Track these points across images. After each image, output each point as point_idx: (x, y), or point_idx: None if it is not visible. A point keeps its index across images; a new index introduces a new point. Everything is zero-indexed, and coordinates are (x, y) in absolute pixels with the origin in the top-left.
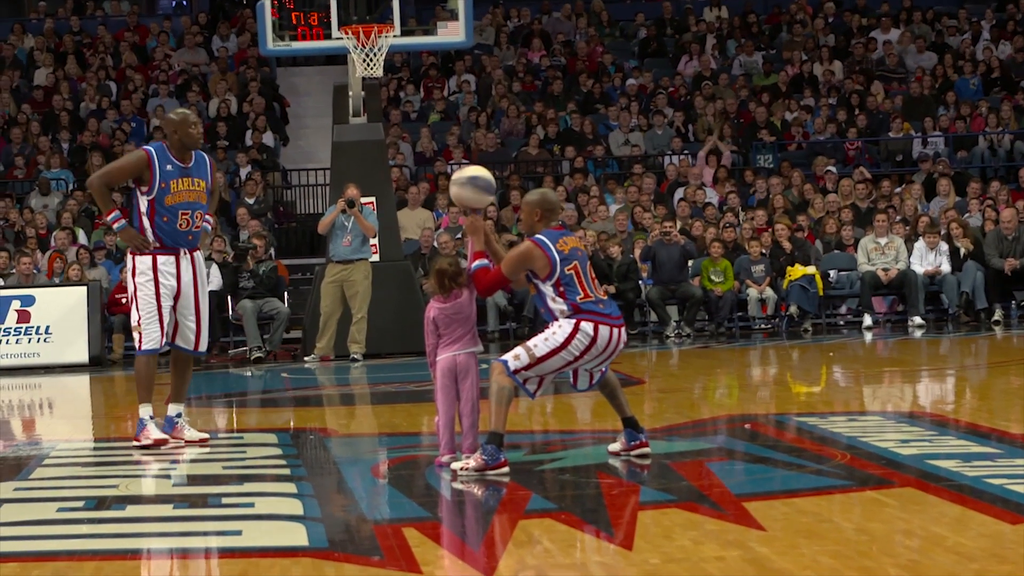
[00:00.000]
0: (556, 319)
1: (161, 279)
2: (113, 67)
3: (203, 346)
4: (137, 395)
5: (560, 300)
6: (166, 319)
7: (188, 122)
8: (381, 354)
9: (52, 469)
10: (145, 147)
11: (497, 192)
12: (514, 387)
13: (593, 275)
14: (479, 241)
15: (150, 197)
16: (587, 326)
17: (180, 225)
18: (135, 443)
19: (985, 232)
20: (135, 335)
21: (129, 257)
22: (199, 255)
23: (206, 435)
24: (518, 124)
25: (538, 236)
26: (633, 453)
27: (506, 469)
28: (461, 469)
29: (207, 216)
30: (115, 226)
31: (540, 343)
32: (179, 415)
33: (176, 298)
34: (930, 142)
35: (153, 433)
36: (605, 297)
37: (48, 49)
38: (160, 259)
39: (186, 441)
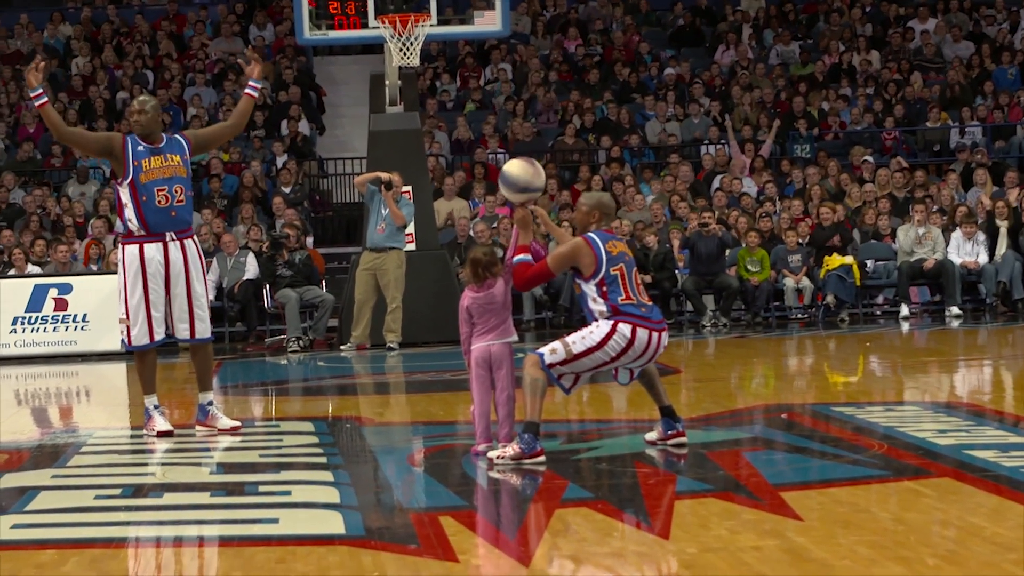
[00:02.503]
0: (596, 320)
1: (148, 269)
2: (150, 56)
3: (200, 334)
4: (141, 387)
5: (601, 301)
6: (155, 313)
7: (131, 110)
8: (417, 343)
9: (89, 457)
10: (123, 133)
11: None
12: (547, 380)
13: (639, 281)
14: (526, 235)
15: (128, 180)
16: (625, 328)
17: (158, 202)
18: (145, 432)
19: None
20: (122, 328)
21: (119, 247)
22: (191, 244)
23: (238, 423)
24: (554, 113)
25: (589, 234)
26: (670, 442)
27: (542, 458)
28: (498, 458)
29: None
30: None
31: (577, 340)
32: (210, 403)
33: (168, 287)
34: (968, 132)
35: (159, 424)
36: (649, 303)
37: (85, 38)
38: (147, 247)
39: (219, 430)
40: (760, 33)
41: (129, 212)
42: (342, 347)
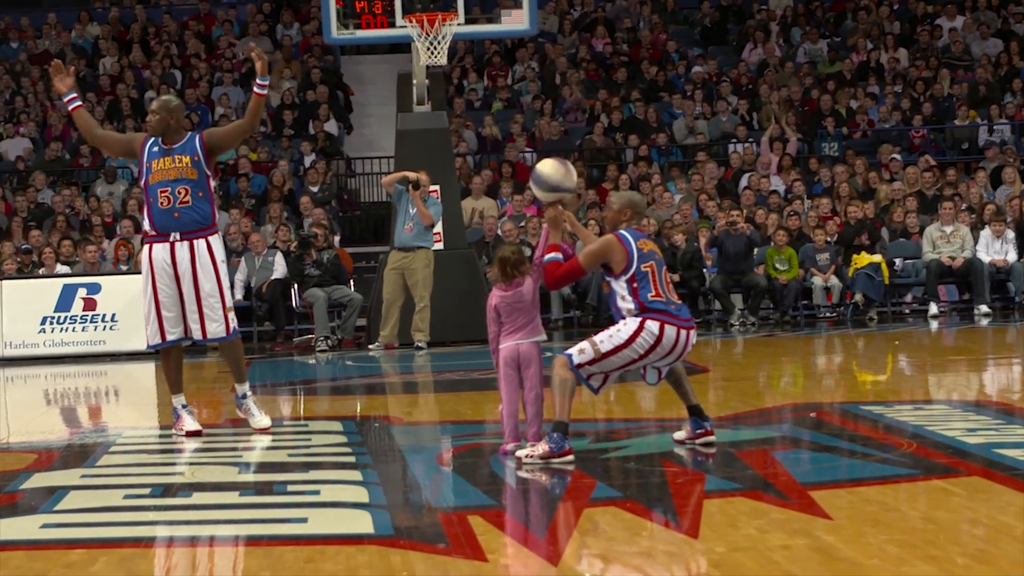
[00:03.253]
0: (624, 318)
1: (156, 269)
2: (178, 55)
3: (212, 333)
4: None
5: (630, 299)
6: (166, 313)
7: (148, 110)
8: (445, 342)
9: (118, 456)
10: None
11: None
12: (576, 380)
13: (668, 279)
14: (556, 234)
15: (141, 182)
16: (652, 325)
17: (161, 203)
18: (174, 431)
19: None
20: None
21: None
22: (202, 244)
23: (268, 423)
24: (581, 112)
25: (621, 231)
26: (698, 441)
27: (571, 457)
28: (527, 457)
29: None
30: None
31: (605, 339)
32: (245, 395)
33: (179, 287)
34: (996, 130)
35: (187, 424)
36: (678, 301)
37: (113, 38)
38: (156, 247)
39: (254, 429)
40: (788, 31)
41: (144, 212)
42: (370, 346)
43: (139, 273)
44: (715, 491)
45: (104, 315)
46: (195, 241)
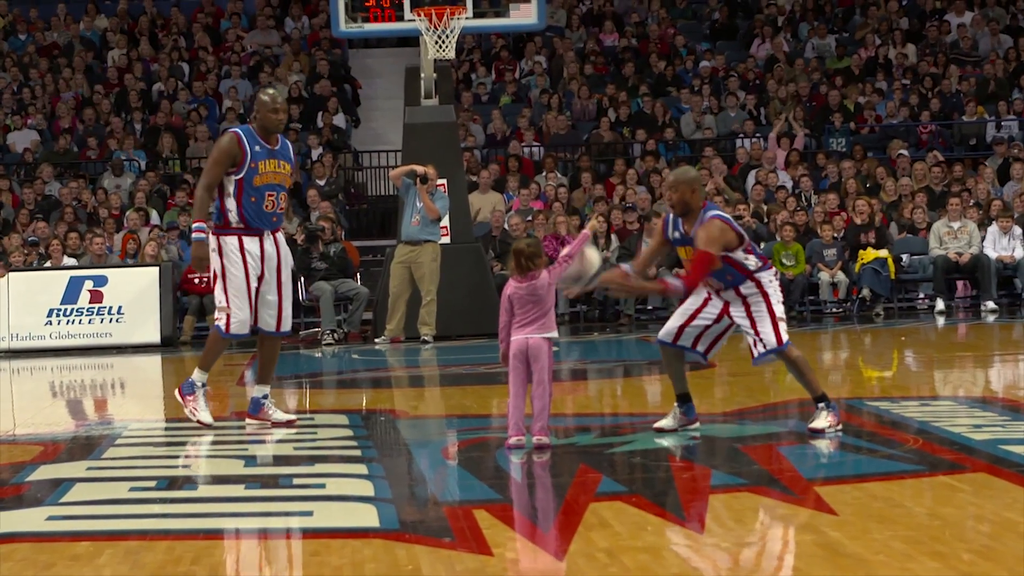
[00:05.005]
0: (749, 277)
1: (248, 259)
2: (186, 48)
3: (285, 327)
4: (200, 360)
5: (751, 257)
6: (254, 303)
7: (271, 106)
8: (451, 336)
9: (124, 449)
10: (232, 129)
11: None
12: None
13: None
14: (634, 291)
15: (239, 176)
16: (773, 270)
17: (266, 206)
18: (176, 392)
19: None
20: (220, 316)
21: (212, 237)
22: (281, 236)
23: (293, 417)
24: (589, 106)
25: (717, 213)
26: (690, 428)
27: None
28: (827, 427)
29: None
30: (194, 236)
31: (778, 305)
32: (265, 396)
33: (260, 280)
34: (1004, 126)
35: (201, 414)
36: None
37: (121, 30)
38: (246, 240)
39: (272, 423)
40: (796, 26)
41: (231, 204)
42: (376, 340)
43: (147, 265)
44: (721, 486)
45: (110, 307)
46: (277, 234)
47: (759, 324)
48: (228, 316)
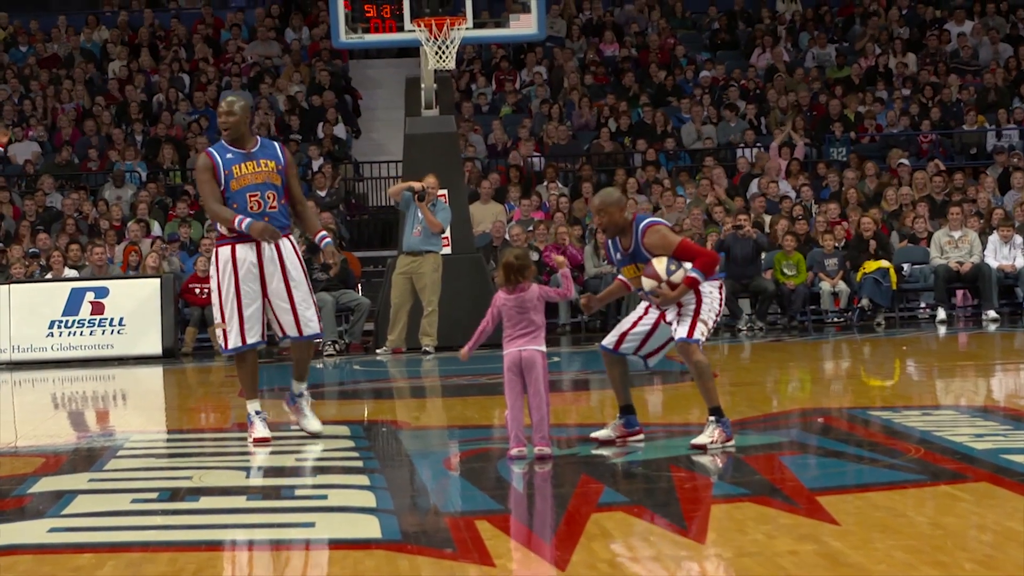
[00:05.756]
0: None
1: (241, 270)
2: (186, 59)
3: (307, 330)
4: (244, 392)
5: (690, 266)
6: (248, 315)
7: (220, 111)
8: (453, 346)
9: (126, 460)
10: (207, 149)
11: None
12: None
13: None
14: (677, 298)
15: (221, 189)
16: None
17: (251, 208)
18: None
19: None
20: (218, 332)
21: (214, 250)
22: (286, 242)
23: (321, 429)
24: (590, 117)
25: (650, 220)
26: (630, 440)
27: (733, 442)
28: (710, 444)
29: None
30: (242, 227)
31: (706, 312)
32: (301, 394)
33: (264, 286)
34: (1004, 135)
35: (257, 431)
36: None
37: (122, 42)
38: (239, 248)
39: (299, 424)
40: (796, 36)
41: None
42: (378, 351)
43: (148, 277)
44: (722, 496)
45: (112, 319)
46: (280, 240)
47: (680, 321)
48: (224, 332)
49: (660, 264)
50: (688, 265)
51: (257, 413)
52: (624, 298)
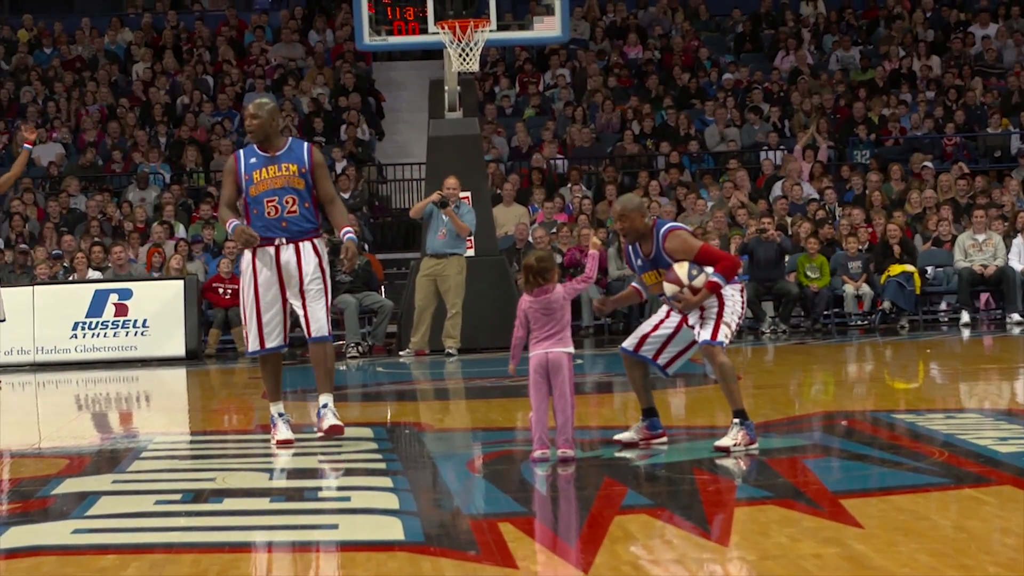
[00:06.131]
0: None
1: (260, 275)
2: (210, 62)
3: (317, 332)
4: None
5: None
6: (267, 319)
7: (246, 115)
8: (476, 349)
9: (149, 462)
10: (237, 151)
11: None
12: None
13: None
14: (700, 302)
15: (243, 196)
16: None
17: (268, 213)
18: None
19: None
20: (244, 334)
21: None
22: (307, 245)
23: (342, 427)
24: (613, 119)
25: (671, 224)
26: (653, 443)
27: (756, 445)
28: (733, 446)
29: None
30: (229, 227)
31: (729, 315)
32: (325, 405)
33: (284, 290)
34: None
35: (280, 433)
36: None
37: (146, 44)
38: (259, 252)
39: (321, 430)
40: (820, 38)
41: (245, 221)
42: (401, 353)
43: (172, 279)
44: (746, 499)
45: (135, 320)
46: (301, 243)
47: (703, 324)
48: (247, 336)
49: (682, 269)
50: (709, 270)
51: (280, 415)
52: (648, 301)
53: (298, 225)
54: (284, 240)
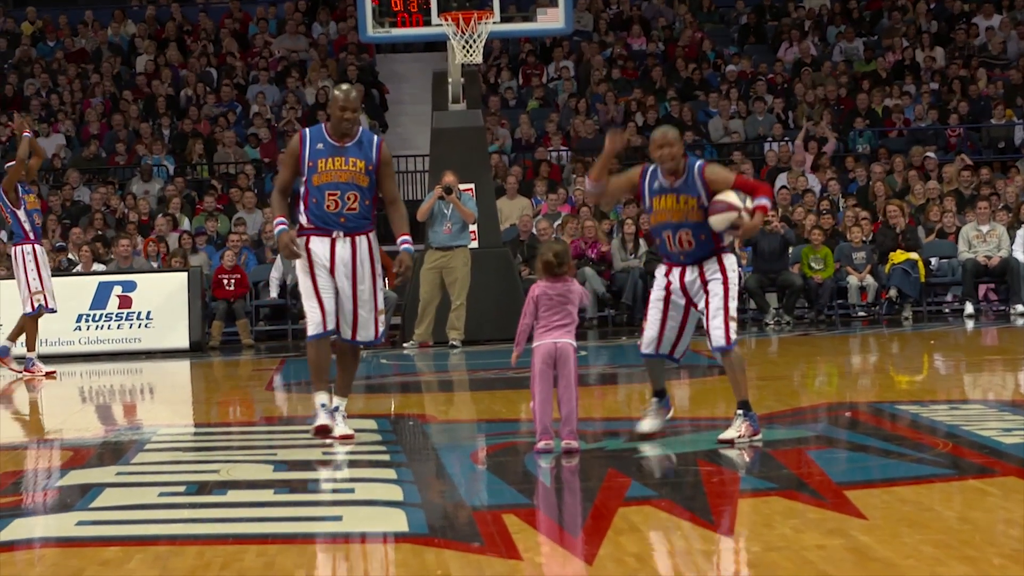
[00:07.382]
0: (717, 254)
1: (315, 260)
2: (214, 54)
3: (363, 335)
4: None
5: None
6: (327, 302)
7: (339, 104)
8: (480, 340)
9: (153, 454)
10: (303, 129)
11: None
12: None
13: None
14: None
15: (303, 178)
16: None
17: (328, 206)
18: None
19: None
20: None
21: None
22: (363, 240)
23: (352, 433)
24: (617, 111)
25: (704, 159)
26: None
27: (760, 436)
28: (738, 437)
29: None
30: (275, 231)
31: (733, 301)
32: (337, 408)
33: (336, 279)
34: None
35: (319, 419)
36: None
37: (150, 36)
38: (314, 240)
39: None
40: (824, 30)
41: (302, 206)
42: (405, 344)
43: (175, 271)
44: (750, 490)
45: (139, 312)
46: (357, 237)
47: (712, 319)
48: (307, 319)
49: (731, 196)
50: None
51: (323, 406)
52: (645, 282)
53: (356, 221)
54: (341, 234)
